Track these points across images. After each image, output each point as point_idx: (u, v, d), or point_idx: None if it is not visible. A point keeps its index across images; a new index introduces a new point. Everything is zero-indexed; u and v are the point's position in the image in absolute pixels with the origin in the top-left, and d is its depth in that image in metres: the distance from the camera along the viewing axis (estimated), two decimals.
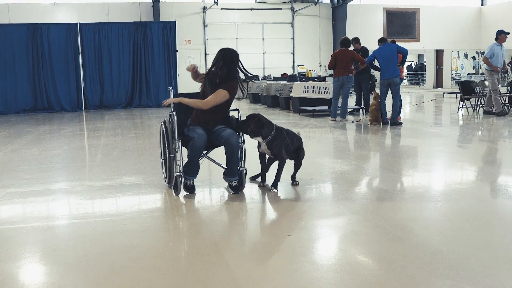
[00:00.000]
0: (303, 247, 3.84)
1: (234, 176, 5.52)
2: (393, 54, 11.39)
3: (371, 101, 11.88)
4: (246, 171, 5.61)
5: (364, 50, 14.01)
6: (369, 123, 11.49)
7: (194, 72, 5.69)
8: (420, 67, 40.10)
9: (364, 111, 14.39)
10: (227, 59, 5.58)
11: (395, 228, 4.18)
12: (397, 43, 12.29)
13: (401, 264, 3.41)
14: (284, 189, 5.75)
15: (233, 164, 5.46)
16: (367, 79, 14.04)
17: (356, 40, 14.27)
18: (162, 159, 6.04)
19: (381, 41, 11.93)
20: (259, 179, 5.97)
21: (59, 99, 19.78)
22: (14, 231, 4.46)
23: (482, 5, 30.65)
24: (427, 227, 4.25)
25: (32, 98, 19.62)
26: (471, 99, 14.78)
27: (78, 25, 19.95)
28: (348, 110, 13.53)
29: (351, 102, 14.71)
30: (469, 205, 4.96)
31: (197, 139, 5.33)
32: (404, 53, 11.54)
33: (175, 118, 5.44)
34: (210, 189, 5.85)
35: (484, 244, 3.80)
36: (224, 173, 5.62)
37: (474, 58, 30.88)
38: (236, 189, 5.54)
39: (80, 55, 19.91)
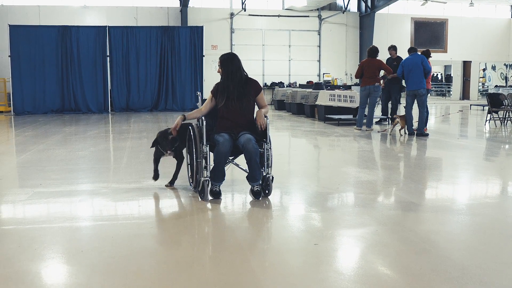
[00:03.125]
0: (329, 257, 3.82)
1: (255, 181, 5.50)
2: (418, 65, 11.29)
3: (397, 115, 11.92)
4: (272, 177, 5.57)
5: (400, 60, 13.86)
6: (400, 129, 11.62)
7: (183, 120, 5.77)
8: (446, 78, 39.68)
9: (390, 121, 14.29)
10: (233, 65, 5.70)
11: (422, 240, 4.13)
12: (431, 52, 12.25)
13: (429, 278, 3.36)
14: (309, 198, 5.74)
15: (253, 169, 5.42)
16: (398, 90, 13.93)
17: (393, 48, 14.14)
18: (188, 164, 6.06)
19: (410, 50, 11.85)
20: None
21: (86, 101, 20.06)
22: (42, 230, 4.52)
23: None
24: (454, 241, 4.20)
25: (60, 99, 19.92)
26: (499, 112, 14.59)
27: (107, 28, 20.22)
28: (375, 119, 13.45)
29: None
30: (496, 219, 4.89)
31: (222, 145, 5.33)
32: (426, 69, 11.40)
33: (204, 123, 5.46)
34: (236, 195, 5.85)
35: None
36: (246, 177, 5.61)
37: (484, 69, 30.55)
38: (257, 195, 5.51)
39: (108, 57, 20.14)
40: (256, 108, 5.84)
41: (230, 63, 5.68)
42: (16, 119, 17.45)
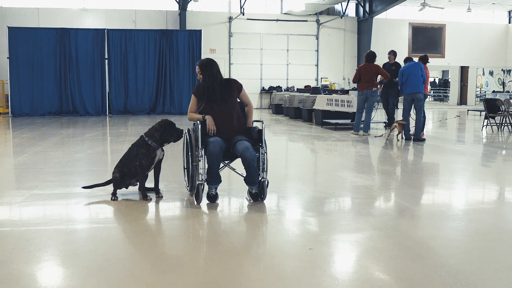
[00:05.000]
0: (324, 262, 3.83)
1: (254, 184, 5.53)
2: (417, 70, 11.36)
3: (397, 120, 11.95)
4: (268, 182, 5.59)
5: (398, 66, 13.89)
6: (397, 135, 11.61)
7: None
8: (444, 83, 39.74)
9: (387, 126, 14.32)
10: (213, 68, 5.77)
11: (417, 246, 4.14)
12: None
13: (423, 284, 3.37)
14: (305, 202, 5.75)
15: (251, 174, 5.46)
16: (395, 94, 13.96)
17: (393, 53, 14.17)
18: (184, 168, 6.06)
19: (406, 60, 11.96)
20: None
21: (84, 103, 20.07)
22: (37, 233, 4.51)
23: (509, 22, 30.34)
24: (449, 246, 4.21)
25: (57, 101, 19.93)
26: (496, 117, 14.63)
27: (106, 31, 20.25)
28: (376, 123, 13.48)
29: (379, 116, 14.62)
30: (491, 225, 4.90)
31: (212, 145, 5.35)
32: (423, 77, 11.48)
33: (199, 127, 5.47)
34: (232, 199, 5.86)
35: (507, 265, 3.74)
36: (244, 180, 5.62)
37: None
38: (255, 197, 5.56)
39: (106, 60, 20.16)
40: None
41: (210, 66, 5.76)
42: (14, 120, 17.43)
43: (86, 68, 20.03)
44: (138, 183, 5.81)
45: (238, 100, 5.93)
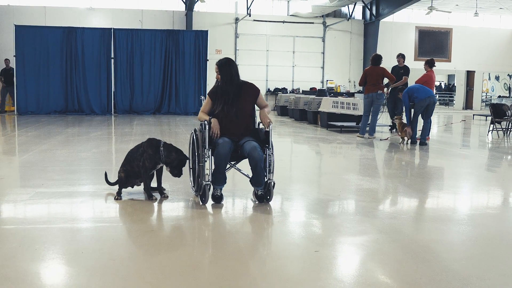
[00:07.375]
0: (329, 264, 3.82)
1: (260, 185, 5.52)
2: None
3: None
4: (274, 183, 5.58)
5: (406, 69, 13.87)
6: (400, 138, 11.61)
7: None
8: (449, 88, 39.63)
9: (392, 129, 14.30)
10: (232, 69, 5.72)
11: (422, 250, 4.13)
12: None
13: None
14: (310, 204, 5.74)
15: (258, 174, 5.45)
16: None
17: (402, 56, 14.16)
18: (190, 168, 6.05)
19: None
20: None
21: (90, 102, 20.10)
22: (43, 231, 4.52)
23: None
24: (455, 251, 4.19)
25: (63, 100, 19.96)
26: (502, 122, 14.59)
27: (112, 30, 20.28)
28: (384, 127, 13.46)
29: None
30: (497, 230, 4.88)
31: (221, 146, 5.34)
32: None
33: (207, 127, 5.47)
34: (238, 200, 5.85)
35: None
36: (250, 181, 5.62)
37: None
38: (261, 199, 5.55)
39: (112, 60, 20.19)
40: (257, 112, 5.85)
41: (228, 67, 5.69)
42: (19, 119, 17.47)
43: (92, 67, 20.06)
44: (141, 183, 5.82)
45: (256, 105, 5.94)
